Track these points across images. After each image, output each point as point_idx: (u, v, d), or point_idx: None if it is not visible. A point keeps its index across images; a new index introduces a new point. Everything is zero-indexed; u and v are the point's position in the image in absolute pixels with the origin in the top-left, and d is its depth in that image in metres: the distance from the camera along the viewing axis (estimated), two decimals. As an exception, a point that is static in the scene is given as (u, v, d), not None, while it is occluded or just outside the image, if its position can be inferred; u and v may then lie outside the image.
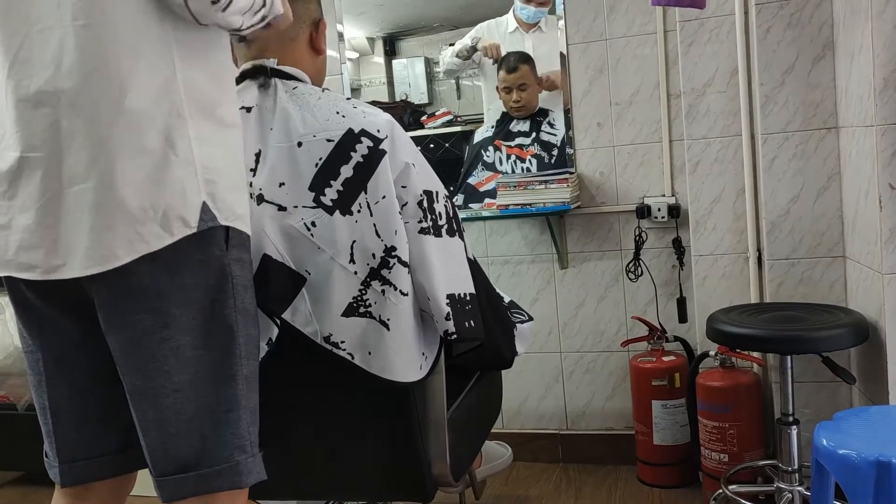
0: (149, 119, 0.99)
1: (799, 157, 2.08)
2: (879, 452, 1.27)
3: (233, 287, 1.08)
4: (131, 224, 0.98)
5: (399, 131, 1.34)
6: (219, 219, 1.05)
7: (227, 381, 1.08)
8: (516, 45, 2.65)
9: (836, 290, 2.09)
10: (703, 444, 2.21)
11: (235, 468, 1.08)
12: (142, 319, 1.02)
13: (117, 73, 0.97)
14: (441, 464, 1.40)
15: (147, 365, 1.03)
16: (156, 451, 1.07)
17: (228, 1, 1.01)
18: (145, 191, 0.99)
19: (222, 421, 1.07)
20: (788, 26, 2.05)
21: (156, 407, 1.05)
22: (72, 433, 1.17)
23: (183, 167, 1.01)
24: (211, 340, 1.06)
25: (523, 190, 2.43)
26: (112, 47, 0.97)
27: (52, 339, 1.14)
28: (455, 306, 1.32)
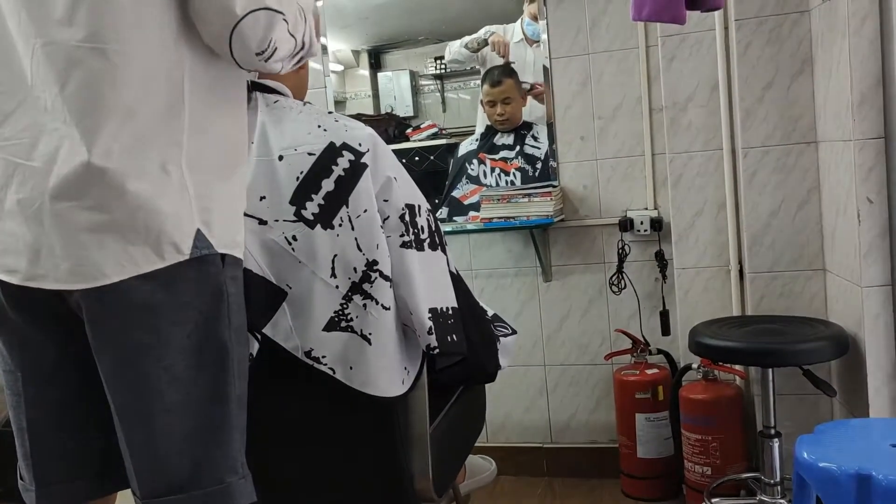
0: (149, 143, 0.98)
1: (779, 171, 2.11)
2: (860, 465, 1.27)
3: (228, 306, 1.07)
4: (122, 244, 0.97)
5: (381, 145, 1.33)
6: (215, 246, 1.04)
7: (219, 401, 1.06)
8: (518, 56, 2.68)
9: (817, 303, 2.10)
10: (687, 457, 2.22)
11: (227, 490, 1.06)
12: (135, 337, 1.00)
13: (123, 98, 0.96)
14: (424, 479, 1.39)
15: (138, 384, 1.01)
16: (143, 472, 1.04)
17: (273, 51, 1.04)
18: (139, 214, 0.98)
19: (214, 442, 1.05)
20: (767, 43, 2.08)
21: (146, 427, 1.02)
22: (50, 456, 1.14)
23: (178, 193, 1.00)
24: (205, 360, 1.04)
25: (507, 203, 2.43)
26: (122, 73, 0.96)
27: (31, 358, 1.11)
28: (437, 320, 1.32)
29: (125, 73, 0.96)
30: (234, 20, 0.99)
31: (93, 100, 0.96)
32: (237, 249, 1.10)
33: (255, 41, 1.01)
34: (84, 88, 0.96)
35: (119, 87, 0.96)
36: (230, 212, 1.09)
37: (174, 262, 1.00)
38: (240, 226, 1.12)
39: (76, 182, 0.96)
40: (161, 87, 0.99)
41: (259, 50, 1.03)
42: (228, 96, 1.10)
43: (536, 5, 2.57)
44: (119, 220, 0.97)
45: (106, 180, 0.96)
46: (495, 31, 2.75)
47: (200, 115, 1.03)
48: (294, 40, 1.07)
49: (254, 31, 1.00)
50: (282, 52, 1.06)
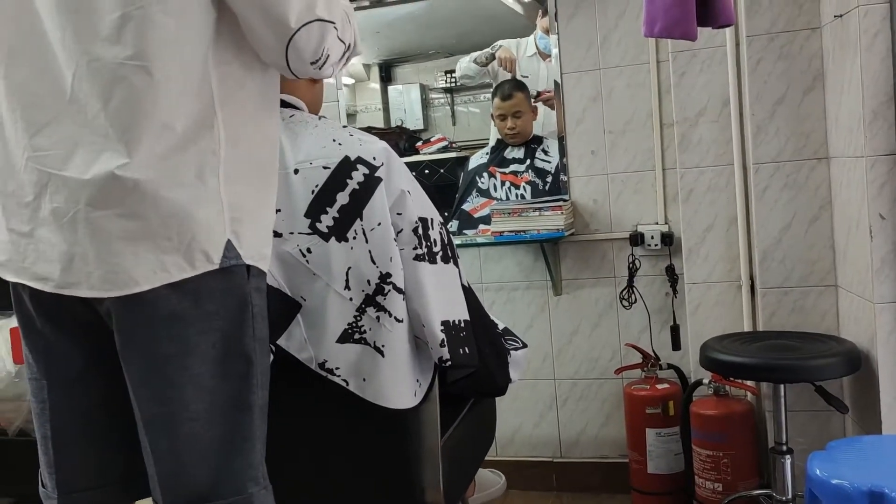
0: (184, 154, 1.00)
1: (790, 186, 2.11)
2: (872, 482, 1.27)
3: (252, 316, 1.08)
4: (155, 252, 0.98)
5: (395, 159, 1.35)
6: (243, 257, 1.05)
7: (243, 411, 1.06)
8: (531, 70, 2.69)
9: (829, 319, 2.10)
10: (698, 473, 2.21)
11: (248, 500, 1.06)
12: (162, 346, 1.01)
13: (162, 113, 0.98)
14: (434, 491, 1.39)
15: (165, 393, 1.02)
16: (167, 480, 1.05)
17: (326, 58, 1.07)
18: (172, 222, 0.99)
19: (236, 451, 1.06)
20: (779, 58, 2.08)
21: (171, 435, 1.03)
22: (73, 463, 1.14)
23: (211, 203, 1.02)
24: (229, 369, 1.05)
25: (518, 217, 2.44)
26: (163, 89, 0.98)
27: (58, 366, 1.12)
28: (450, 333, 1.32)
29: (165, 90, 0.98)
30: (289, 33, 1.01)
31: (134, 115, 0.97)
32: (263, 262, 1.10)
33: (309, 52, 1.04)
34: (126, 104, 0.97)
35: (159, 102, 0.98)
36: (260, 224, 1.10)
37: (203, 270, 1.01)
38: (268, 239, 1.13)
39: (112, 191, 0.97)
40: (194, 100, 1.01)
41: (314, 59, 1.06)
42: (261, 109, 1.11)
43: (549, 19, 2.58)
44: (152, 228, 0.98)
45: (141, 189, 0.97)
46: (503, 46, 2.77)
47: (234, 126, 1.04)
48: (343, 44, 1.10)
49: (308, 43, 1.03)
50: (333, 57, 1.09)
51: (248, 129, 1.08)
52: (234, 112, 1.05)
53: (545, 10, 2.62)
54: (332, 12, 1.05)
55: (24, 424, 2.49)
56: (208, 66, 1.01)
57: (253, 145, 1.09)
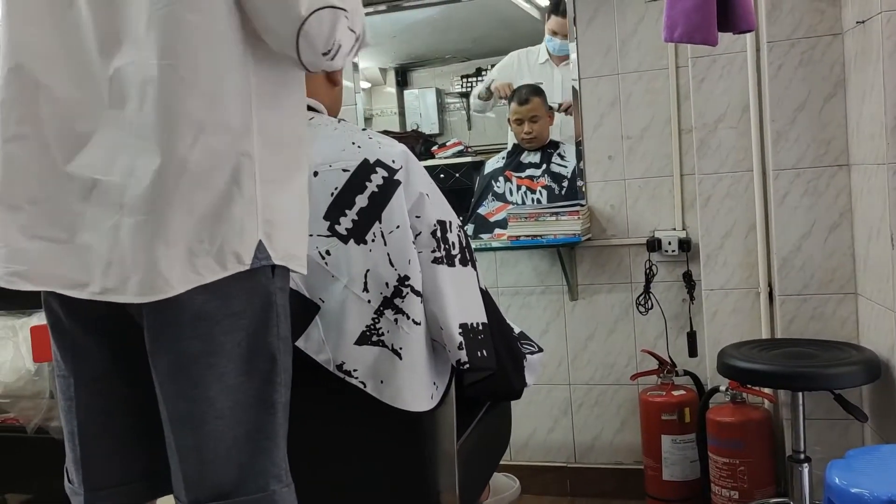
0: (220, 159, 1.00)
1: (810, 193, 2.09)
2: (892, 492, 1.26)
3: (276, 315, 1.08)
4: (188, 256, 0.99)
5: (414, 162, 1.35)
6: (273, 258, 1.05)
7: (267, 409, 1.07)
8: (545, 77, 2.69)
9: (848, 327, 2.08)
10: (714, 481, 2.19)
11: (271, 497, 1.07)
12: (189, 345, 1.02)
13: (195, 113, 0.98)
14: (450, 495, 1.39)
15: (191, 390, 1.03)
16: (191, 477, 1.05)
17: (338, 49, 1.04)
18: (204, 225, 0.99)
19: (260, 449, 1.06)
20: (800, 64, 2.07)
21: (196, 433, 1.03)
22: (99, 460, 1.15)
23: (245, 205, 1.02)
24: (254, 368, 1.05)
25: (534, 221, 2.44)
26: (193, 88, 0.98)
27: (85, 364, 1.13)
28: (468, 336, 1.32)
29: (196, 89, 0.98)
30: (299, 21, 0.99)
31: (167, 115, 0.97)
32: (293, 262, 1.10)
33: (321, 41, 1.02)
34: (158, 104, 0.98)
35: (190, 102, 0.98)
36: (293, 226, 1.10)
37: (234, 272, 1.01)
38: (302, 240, 1.13)
39: (148, 195, 0.98)
40: (230, 101, 1.01)
41: (325, 50, 1.03)
42: (292, 105, 1.12)
43: (556, 20, 2.58)
44: (185, 231, 0.98)
45: (178, 193, 0.98)
46: (495, 79, 2.78)
47: (268, 126, 1.05)
48: (354, 34, 1.08)
49: (319, 31, 1.01)
50: (345, 48, 1.06)
51: (285, 130, 1.08)
52: (272, 113, 1.05)
53: (550, 12, 2.62)
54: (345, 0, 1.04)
55: (43, 422, 2.51)
56: (247, 67, 1.02)
57: (288, 147, 1.09)
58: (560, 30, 2.59)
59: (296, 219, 1.11)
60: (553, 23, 2.62)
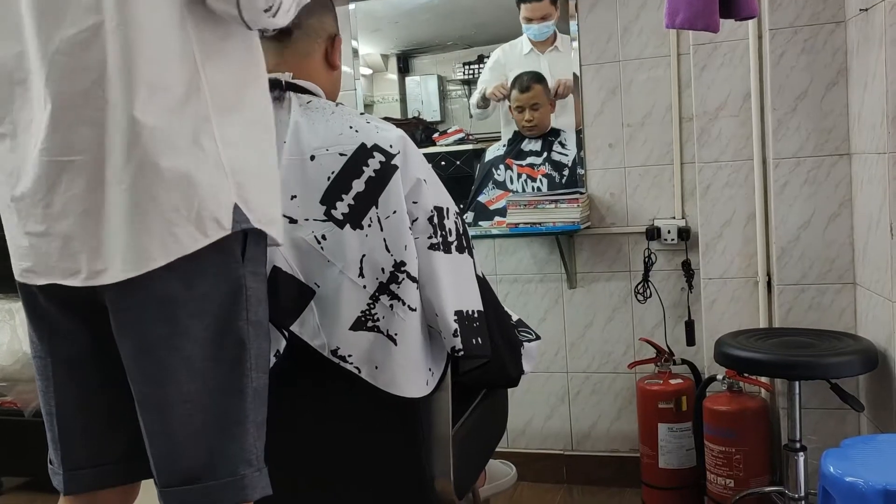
0: (177, 122, 0.99)
1: (810, 182, 2.08)
2: (887, 481, 1.26)
3: (246, 299, 1.07)
4: (166, 226, 0.98)
5: (411, 147, 1.34)
6: (252, 221, 1.04)
7: (236, 393, 1.07)
8: (532, 67, 2.67)
9: (846, 317, 2.07)
10: (709, 469, 2.20)
11: (241, 482, 1.07)
12: (155, 328, 1.02)
13: (145, 76, 0.98)
14: (445, 481, 1.39)
15: (157, 374, 1.03)
16: (162, 460, 1.06)
17: (278, 6, 1.04)
18: (178, 192, 0.99)
19: (229, 434, 1.06)
20: (802, 52, 2.06)
21: (164, 416, 1.04)
22: (78, 440, 1.16)
23: (213, 169, 1.01)
24: (222, 352, 1.05)
25: (534, 209, 2.43)
26: (141, 52, 0.98)
27: (62, 345, 1.14)
28: (463, 323, 1.32)
29: (144, 52, 0.98)
30: None
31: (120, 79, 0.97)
32: (274, 227, 1.10)
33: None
34: (112, 69, 0.97)
35: (140, 64, 0.97)
36: (264, 187, 1.09)
37: (218, 237, 1.00)
38: (275, 201, 1.12)
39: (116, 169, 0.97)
40: (177, 63, 1.00)
41: (267, 6, 1.03)
42: (247, 70, 1.10)
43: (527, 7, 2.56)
44: (158, 200, 0.98)
45: (141, 160, 0.97)
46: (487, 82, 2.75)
47: (221, 89, 1.04)
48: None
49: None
50: (286, 5, 1.05)
51: (238, 91, 1.07)
52: (219, 74, 1.04)
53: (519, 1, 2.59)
54: None
55: (41, 405, 2.52)
56: (187, 29, 1.01)
57: (245, 107, 1.08)
58: (533, 14, 2.57)
59: (269, 184, 1.10)
60: (525, 10, 2.60)
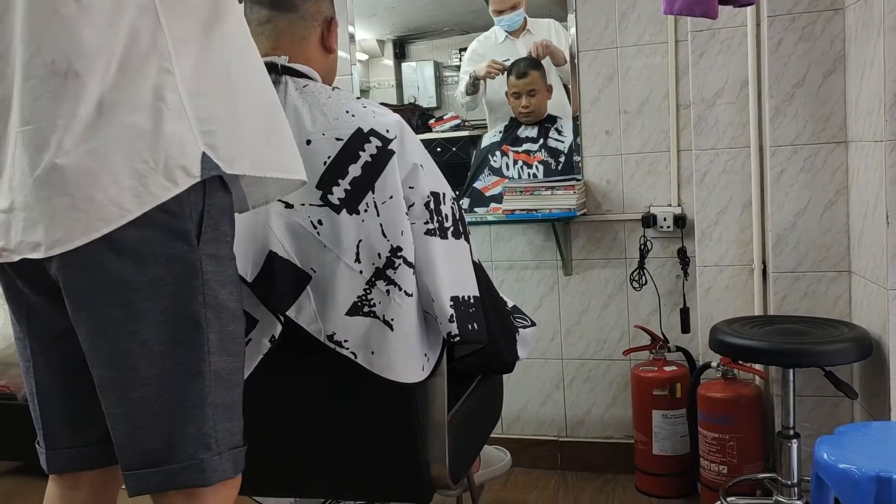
0: (136, 76, 0.99)
1: (807, 170, 2.08)
2: (880, 468, 1.26)
3: (203, 283, 1.06)
4: (135, 178, 0.97)
5: (408, 132, 1.34)
6: (223, 168, 1.03)
7: (192, 377, 1.06)
8: (510, 53, 2.66)
9: (841, 305, 2.08)
10: (703, 456, 2.21)
11: (199, 466, 1.06)
12: (110, 312, 1.01)
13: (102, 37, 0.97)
14: (440, 466, 1.40)
15: (114, 357, 1.02)
16: (123, 444, 1.06)
17: None
18: (141, 144, 0.98)
19: (188, 417, 1.06)
20: (800, 39, 2.05)
21: (123, 400, 1.04)
22: (58, 421, 1.17)
23: (177, 120, 1.00)
24: (178, 335, 1.04)
25: (529, 195, 2.43)
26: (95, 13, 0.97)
27: (38, 325, 1.14)
28: (459, 308, 1.32)
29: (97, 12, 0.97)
30: None
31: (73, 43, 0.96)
32: (252, 169, 1.07)
33: None
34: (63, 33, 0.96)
35: (94, 25, 0.97)
36: (239, 134, 1.07)
37: (188, 185, 1.00)
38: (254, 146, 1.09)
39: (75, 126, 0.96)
40: (134, 19, 0.99)
41: None
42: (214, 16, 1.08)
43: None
44: (125, 154, 0.97)
45: (104, 118, 0.97)
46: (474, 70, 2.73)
47: (185, 39, 1.03)
48: None
49: None
50: None
51: (204, 39, 1.05)
52: (183, 24, 1.03)
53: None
54: None
55: (35, 390, 2.51)
56: None
57: (214, 54, 1.06)
58: (503, 6, 2.58)
59: (245, 127, 1.08)
60: (493, 3, 2.61)
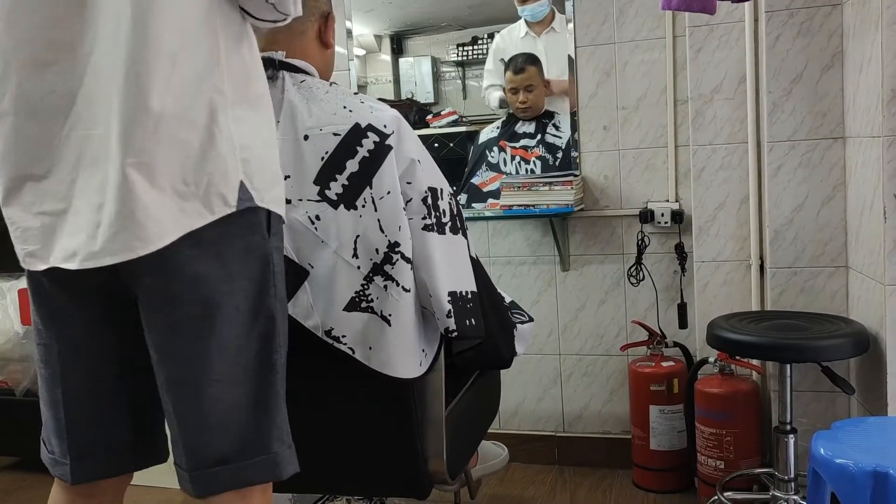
0: (196, 92, 0.98)
1: (804, 165, 2.08)
2: (877, 463, 1.26)
3: (274, 275, 1.07)
4: (176, 201, 0.97)
5: (405, 127, 1.33)
6: (255, 199, 1.03)
7: (267, 371, 1.06)
8: (528, 50, 2.65)
9: (838, 300, 2.08)
10: (700, 451, 2.21)
11: (274, 459, 1.06)
12: (189, 309, 1.00)
13: (168, 45, 0.96)
14: (438, 461, 1.40)
15: (189, 354, 1.01)
16: (191, 443, 1.04)
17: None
18: (189, 166, 0.98)
19: (262, 411, 1.05)
20: (798, 35, 2.05)
21: (196, 397, 1.02)
22: (85, 428, 1.13)
23: (225, 143, 1.00)
24: (253, 330, 1.04)
25: (527, 191, 2.42)
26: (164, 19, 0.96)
27: (71, 330, 1.10)
28: (456, 304, 1.32)
29: (167, 19, 0.96)
30: None
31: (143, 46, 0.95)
32: (275, 205, 1.09)
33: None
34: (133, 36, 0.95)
35: (164, 32, 0.96)
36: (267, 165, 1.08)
37: (222, 214, 0.99)
38: (277, 179, 1.11)
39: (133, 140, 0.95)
40: (200, 32, 0.99)
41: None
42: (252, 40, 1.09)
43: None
44: (172, 175, 0.96)
45: (161, 134, 0.96)
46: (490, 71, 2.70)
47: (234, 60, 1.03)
48: None
49: None
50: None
51: (248, 65, 1.06)
52: (236, 46, 1.03)
53: None
54: None
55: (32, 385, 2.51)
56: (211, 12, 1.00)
57: (254, 83, 1.07)
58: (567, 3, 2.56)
59: (269, 160, 1.09)
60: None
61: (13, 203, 1.04)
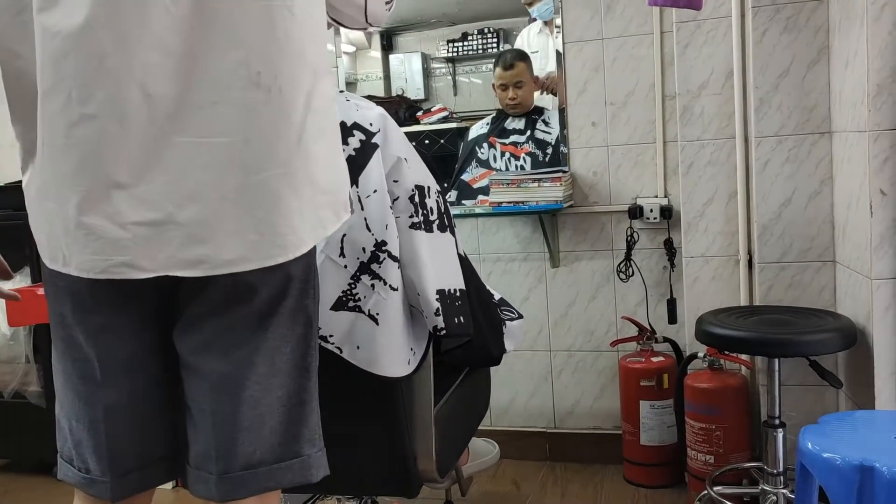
0: (330, 104, 1.00)
1: (792, 160, 2.09)
2: (863, 457, 1.27)
3: (315, 277, 1.07)
4: (316, 209, 0.98)
5: (392, 125, 1.33)
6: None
7: (303, 372, 1.05)
8: (541, 46, 2.65)
9: (826, 295, 2.09)
10: (690, 445, 2.22)
11: (306, 462, 1.04)
12: (238, 310, 0.99)
13: (309, 56, 0.97)
14: (427, 459, 1.40)
15: (234, 353, 1.00)
16: (223, 445, 1.01)
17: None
18: (327, 175, 0.99)
19: (297, 413, 1.04)
20: (785, 30, 2.05)
21: (234, 398, 1.00)
22: (125, 445, 1.08)
23: (342, 155, 1.05)
24: (294, 331, 1.03)
25: (516, 188, 2.42)
26: (305, 30, 0.96)
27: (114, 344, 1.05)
28: (445, 302, 1.32)
29: (306, 30, 0.96)
30: None
31: (286, 57, 0.94)
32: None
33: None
34: (273, 49, 0.93)
35: (304, 44, 0.96)
36: None
37: (343, 220, 1.03)
38: None
39: (277, 149, 0.94)
40: (324, 44, 1.02)
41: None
42: None
43: None
44: (312, 183, 0.97)
45: (302, 145, 0.95)
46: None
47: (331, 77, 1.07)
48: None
49: None
50: None
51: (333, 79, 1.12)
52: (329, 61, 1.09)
53: None
54: None
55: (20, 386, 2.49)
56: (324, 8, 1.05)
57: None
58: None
59: None
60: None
61: (93, 211, 0.95)
